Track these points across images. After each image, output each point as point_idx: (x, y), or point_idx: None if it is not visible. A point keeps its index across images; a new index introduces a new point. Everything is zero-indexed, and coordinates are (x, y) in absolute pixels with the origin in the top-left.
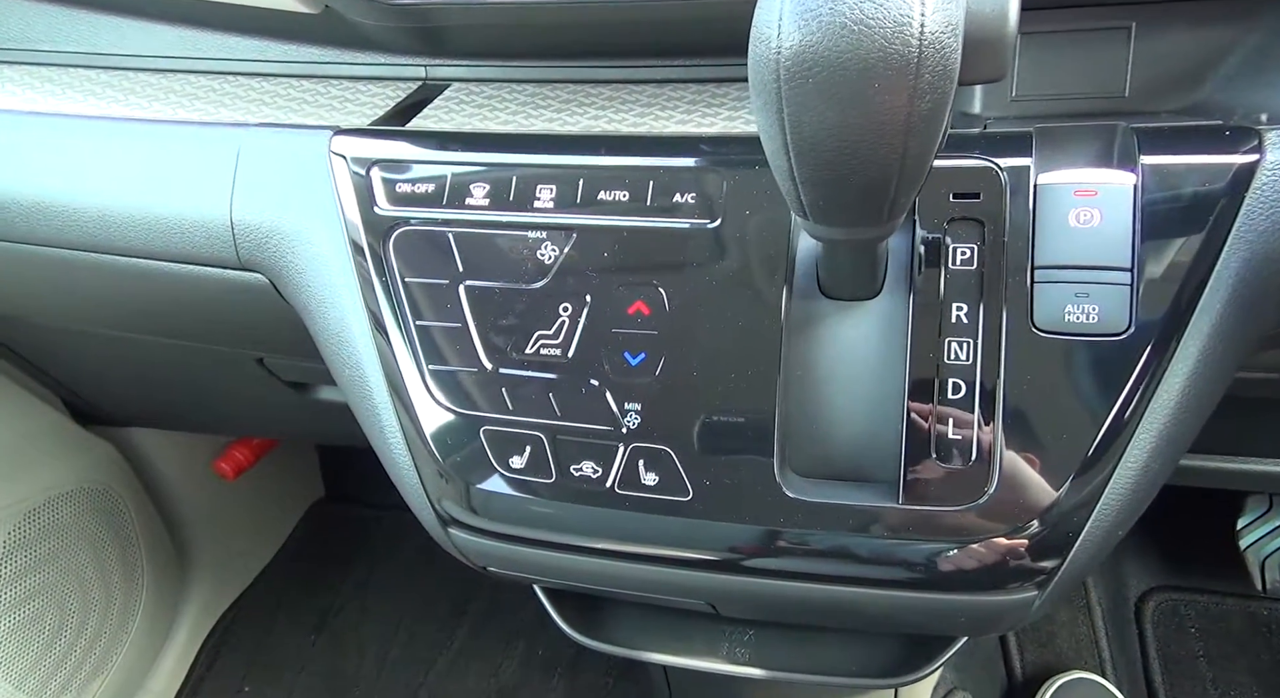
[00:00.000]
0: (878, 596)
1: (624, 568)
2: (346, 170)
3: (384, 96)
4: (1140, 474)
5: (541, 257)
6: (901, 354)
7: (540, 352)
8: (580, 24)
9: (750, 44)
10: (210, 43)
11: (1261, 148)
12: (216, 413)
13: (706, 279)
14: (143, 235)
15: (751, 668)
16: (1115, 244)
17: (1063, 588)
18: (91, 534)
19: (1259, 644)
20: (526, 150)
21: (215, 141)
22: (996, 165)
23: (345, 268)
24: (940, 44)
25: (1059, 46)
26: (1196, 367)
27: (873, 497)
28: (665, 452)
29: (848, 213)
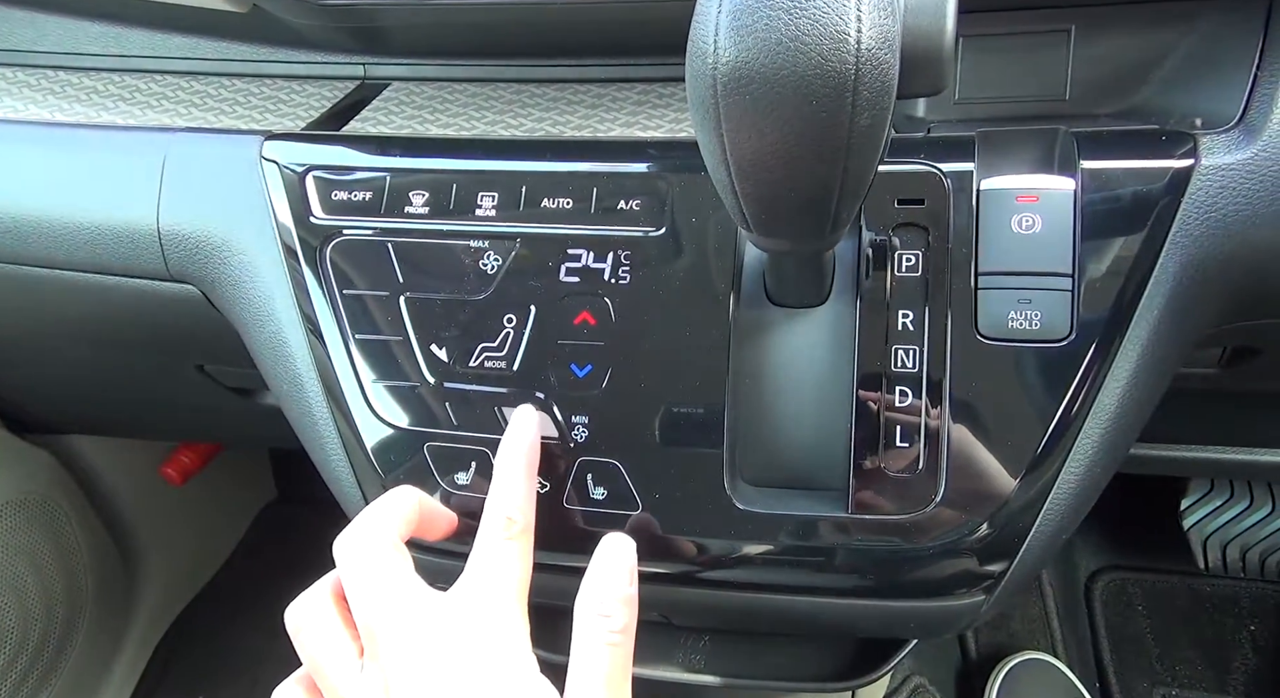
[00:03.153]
0: (829, 604)
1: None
2: (279, 177)
3: (320, 97)
4: (1084, 476)
5: (484, 266)
6: (849, 361)
7: (484, 364)
8: (521, 23)
9: (687, 58)
10: (136, 40)
11: (1196, 152)
12: (159, 419)
13: (653, 288)
14: (64, 246)
15: (706, 675)
16: (1056, 250)
17: (1010, 590)
18: (31, 547)
19: (1202, 620)
20: (468, 156)
21: (140, 147)
22: (940, 171)
23: (280, 279)
24: (877, 60)
25: (1001, 49)
26: (1137, 369)
27: (822, 506)
28: (614, 465)
29: (790, 226)
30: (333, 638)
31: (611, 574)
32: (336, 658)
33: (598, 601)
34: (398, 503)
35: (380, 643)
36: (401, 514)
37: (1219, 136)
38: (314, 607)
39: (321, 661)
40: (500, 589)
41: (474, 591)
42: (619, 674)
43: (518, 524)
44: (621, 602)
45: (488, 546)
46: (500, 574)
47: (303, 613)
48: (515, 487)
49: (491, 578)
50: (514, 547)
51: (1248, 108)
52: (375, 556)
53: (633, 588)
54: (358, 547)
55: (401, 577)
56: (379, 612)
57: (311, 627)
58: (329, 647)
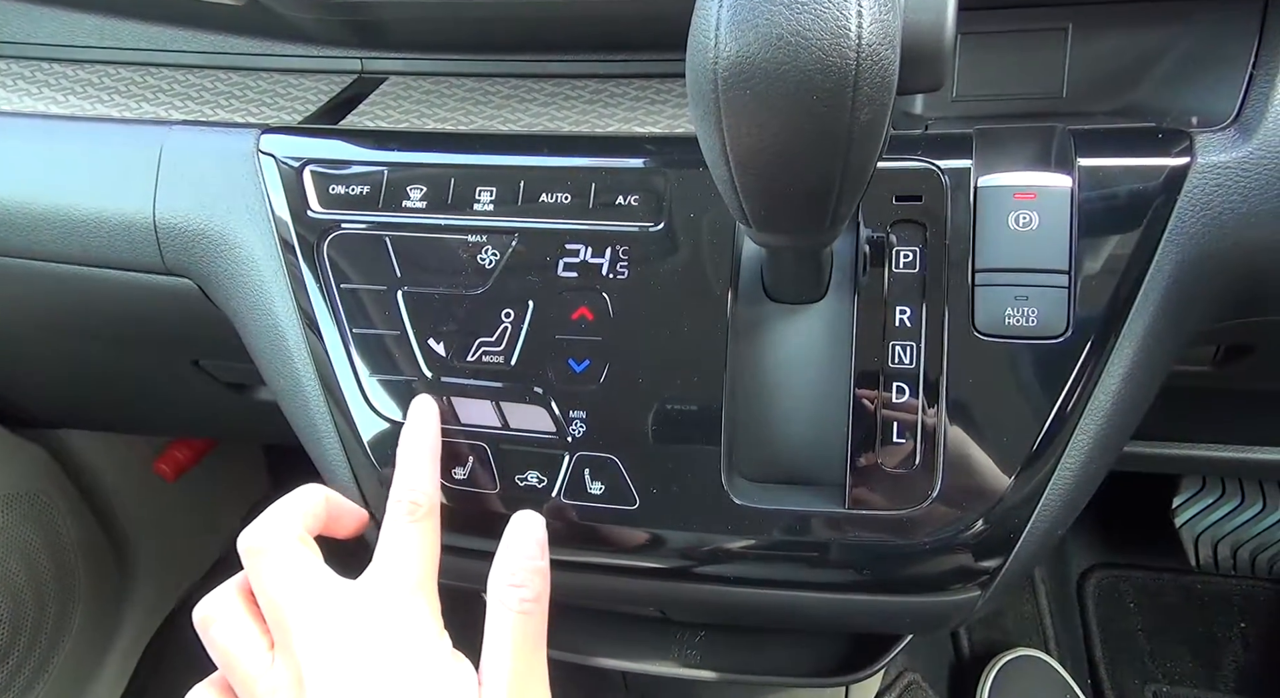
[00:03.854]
0: (824, 599)
1: (571, 578)
2: (276, 171)
3: (317, 91)
4: (1079, 472)
5: (482, 261)
6: (847, 357)
7: (482, 359)
8: (519, 17)
9: (688, 53)
10: (131, 33)
11: (1192, 150)
12: (153, 414)
13: (651, 283)
14: (58, 239)
15: (702, 670)
16: (1053, 247)
17: (1005, 586)
18: (22, 543)
19: (1193, 617)
20: (466, 150)
21: (136, 140)
22: (938, 168)
23: (277, 273)
24: (878, 55)
25: (999, 47)
26: (1133, 366)
27: (819, 501)
28: (611, 460)
29: (790, 221)
30: (242, 632)
31: (522, 547)
32: (247, 652)
33: (509, 571)
34: (303, 499)
35: (290, 633)
36: (307, 509)
37: (1215, 135)
38: (221, 603)
39: (232, 656)
40: (409, 572)
41: (382, 575)
42: (531, 642)
43: (422, 508)
44: (533, 572)
45: (394, 530)
46: (408, 557)
47: (210, 609)
48: (419, 471)
49: (400, 562)
50: (420, 529)
51: (1243, 106)
52: (280, 548)
53: (544, 561)
54: (262, 540)
55: (308, 567)
56: (286, 602)
57: (220, 622)
58: (238, 641)
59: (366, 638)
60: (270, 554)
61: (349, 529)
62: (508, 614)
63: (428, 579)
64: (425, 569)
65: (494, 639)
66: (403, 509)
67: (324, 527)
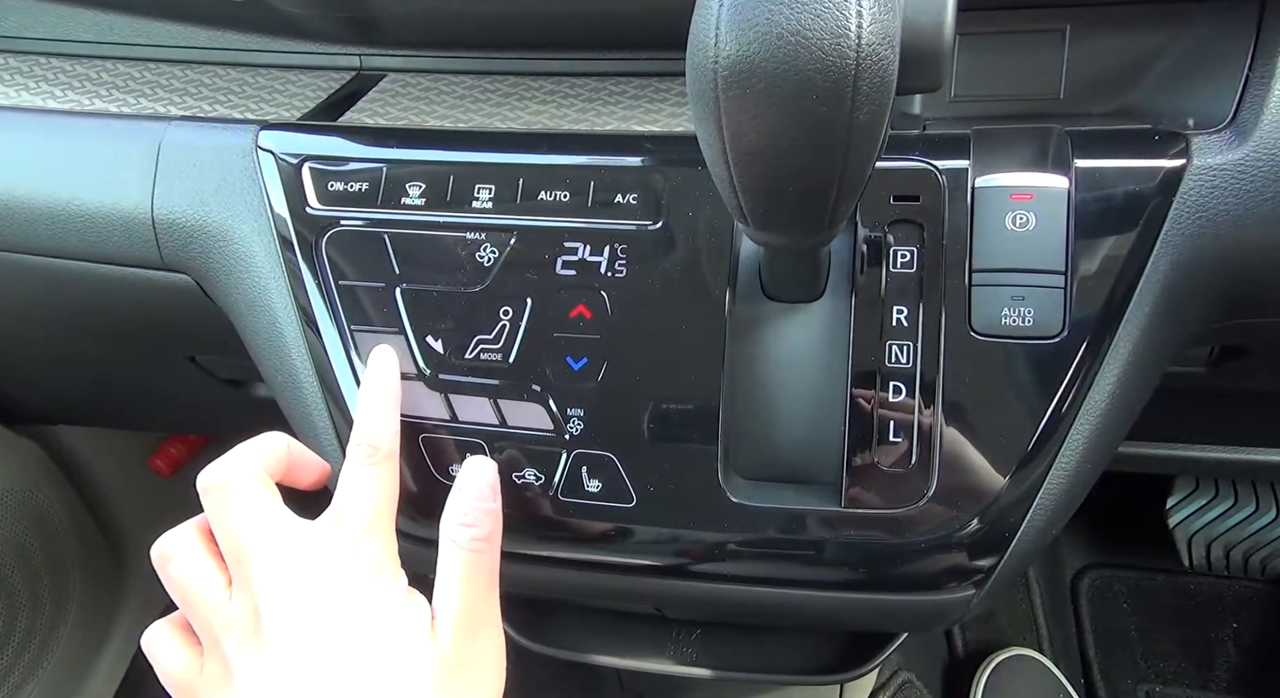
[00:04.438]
0: (820, 597)
1: (567, 575)
2: (275, 167)
3: (316, 87)
4: (1074, 472)
5: (480, 259)
6: (844, 356)
7: (480, 357)
8: (518, 15)
9: (688, 52)
10: (130, 28)
11: (1188, 152)
12: (149, 410)
13: (649, 282)
14: (56, 234)
15: (698, 668)
16: (1050, 248)
17: (1000, 585)
18: (17, 539)
19: (1186, 617)
20: (465, 148)
21: (135, 135)
22: (935, 168)
23: (275, 270)
24: (878, 55)
25: (997, 48)
26: (1128, 366)
27: (815, 500)
28: (608, 458)
29: (788, 220)
30: (200, 568)
31: (473, 490)
32: (205, 587)
33: (460, 512)
34: (264, 441)
35: (248, 569)
36: (267, 451)
37: (1211, 137)
38: (180, 539)
39: (189, 591)
40: (366, 512)
41: (340, 514)
42: (484, 579)
43: (381, 451)
44: (484, 513)
45: (353, 472)
46: (366, 498)
47: (168, 545)
48: (379, 416)
49: (358, 502)
50: (378, 471)
51: (1239, 109)
52: (239, 485)
53: (495, 504)
54: (221, 477)
55: (266, 504)
56: (245, 539)
57: (178, 558)
58: (196, 577)
59: (323, 574)
60: (228, 490)
61: (310, 479)
62: (459, 552)
63: (385, 519)
64: (382, 509)
65: (445, 576)
66: (362, 452)
67: (285, 472)
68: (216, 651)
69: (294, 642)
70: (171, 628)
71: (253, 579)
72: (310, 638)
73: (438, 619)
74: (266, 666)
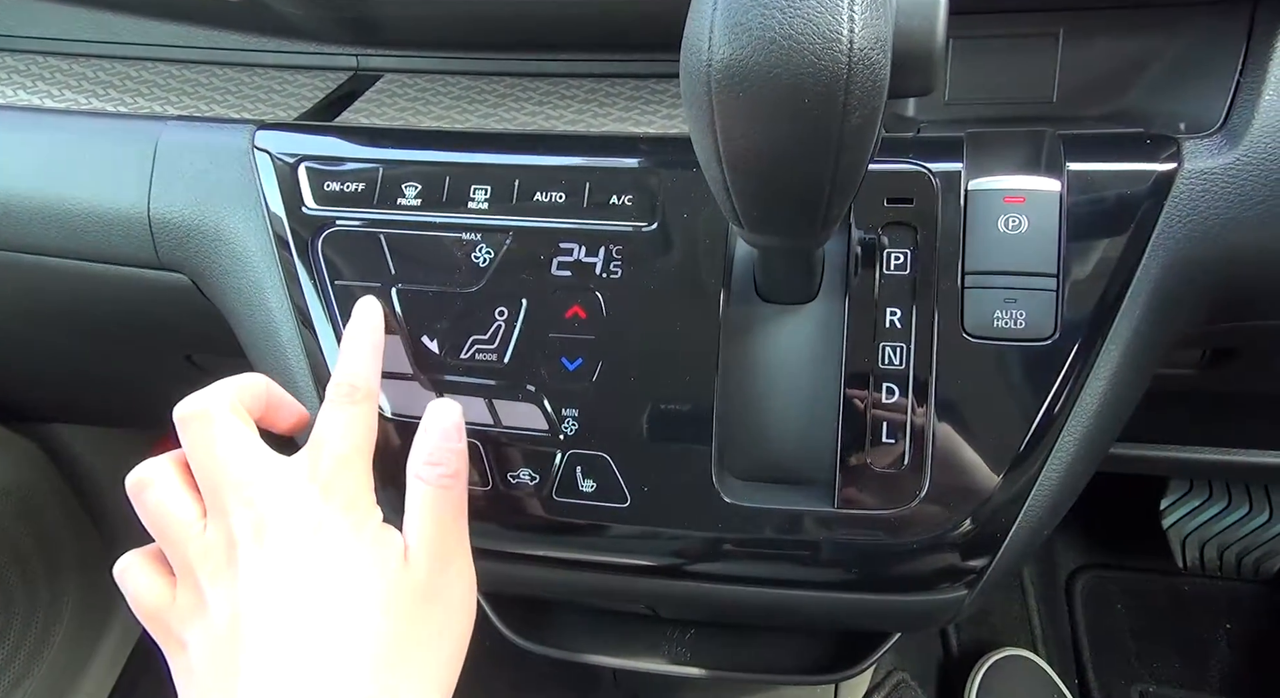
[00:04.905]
0: (813, 597)
1: (562, 575)
2: (271, 167)
3: (313, 87)
4: (1066, 473)
5: (476, 259)
6: (837, 358)
7: (475, 357)
8: (515, 16)
9: (682, 54)
10: (127, 27)
11: (1179, 156)
12: (145, 409)
13: (644, 283)
14: (54, 232)
15: (692, 668)
16: (1042, 251)
17: (992, 585)
18: (13, 537)
19: (1180, 618)
20: (461, 148)
21: (131, 134)
22: (929, 170)
23: (271, 270)
24: (870, 60)
25: (991, 51)
26: (1119, 368)
27: (809, 500)
28: (603, 458)
29: (782, 222)
30: (175, 497)
31: (439, 431)
32: (179, 515)
33: (426, 451)
34: (244, 379)
35: (224, 499)
36: (245, 386)
37: (1202, 141)
38: (156, 468)
39: (164, 519)
40: (342, 448)
41: (318, 449)
42: (452, 512)
43: (360, 391)
44: (450, 452)
45: (331, 410)
46: (344, 435)
47: (144, 473)
48: (360, 358)
49: (334, 438)
50: (357, 411)
51: (1230, 113)
52: (215, 414)
53: (461, 444)
54: (197, 406)
55: (243, 436)
56: (221, 468)
57: (153, 486)
58: (171, 505)
59: (298, 503)
60: (205, 420)
61: (288, 422)
62: (426, 488)
63: (360, 456)
64: (359, 446)
65: (414, 511)
66: (341, 392)
67: (263, 411)
68: (189, 580)
69: (266, 571)
70: (144, 557)
71: (228, 509)
72: (283, 568)
73: (410, 551)
74: (239, 594)
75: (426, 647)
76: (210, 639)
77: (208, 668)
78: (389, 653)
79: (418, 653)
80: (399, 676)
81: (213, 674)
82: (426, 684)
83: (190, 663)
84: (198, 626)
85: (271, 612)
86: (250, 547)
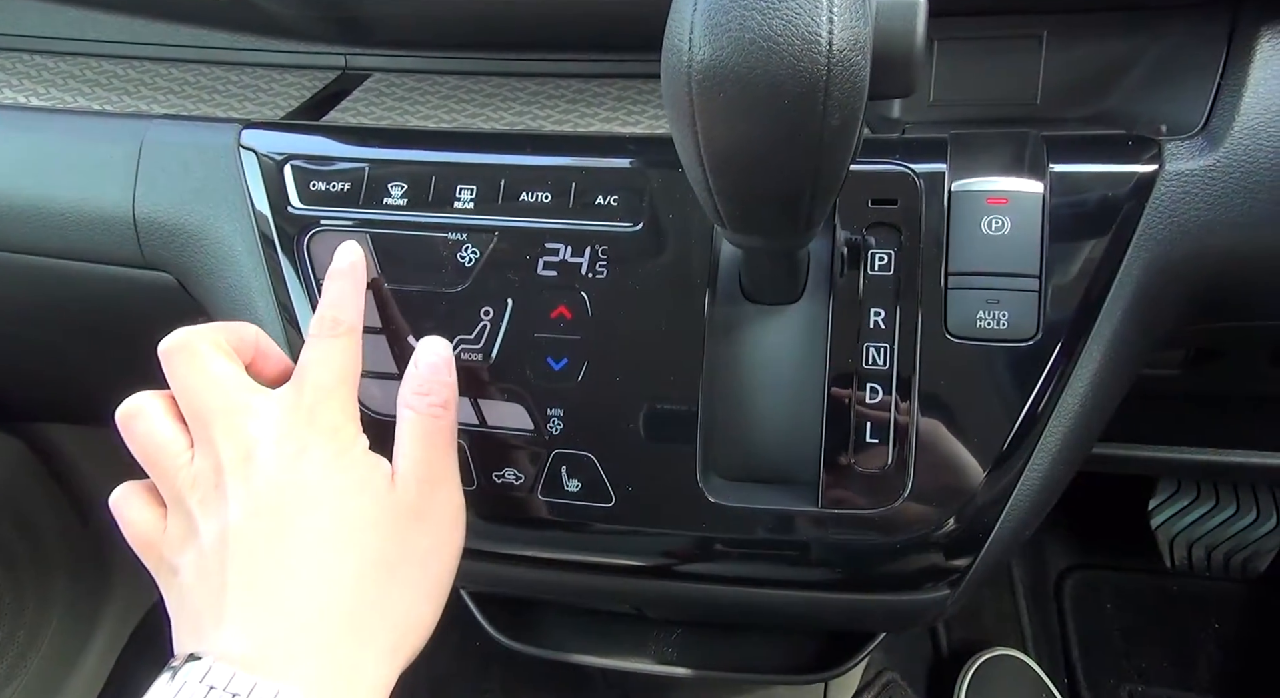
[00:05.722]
0: (797, 597)
1: (547, 575)
2: (257, 166)
3: (300, 86)
4: (1048, 473)
5: (462, 259)
6: (822, 358)
7: (461, 357)
8: (503, 15)
9: (663, 56)
10: (113, 25)
11: (1161, 158)
12: None
13: (629, 283)
14: (38, 231)
15: (679, 667)
16: (1024, 252)
17: (975, 584)
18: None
19: (1168, 618)
20: (448, 148)
21: (117, 133)
22: (913, 172)
23: (257, 269)
24: (849, 61)
25: (975, 53)
26: (1100, 368)
27: (793, 500)
28: (588, 458)
29: (764, 223)
30: (163, 427)
31: (428, 365)
32: (168, 445)
33: (416, 383)
34: (234, 324)
35: (210, 428)
36: (233, 327)
37: (1183, 143)
38: (145, 400)
39: (153, 449)
40: (326, 378)
41: (302, 379)
42: (441, 439)
43: (343, 324)
44: (439, 384)
45: (314, 344)
46: (327, 366)
47: (133, 404)
48: (343, 294)
49: (318, 370)
50: (340, 343)
51: (1211, 116)
52: (200, 346)
53: (451, 378)
54: (183, 339)
55: (229, 368)
56: (207, 399)
57: (142, 416)
58: (160, 435)
59: (285, 430)
60: (191, 352)
61: (274, 371)
62: (416, 416)
63: (345, 386)
64: (343, 377)
65: (404, 439)
66: (325, 325)
67: (251, 354)
68: (180, 508)
69: (255, 497)
70: (138, 488)
71: (214, 438)
72: (271, 492)
73: (397, 474)
74: (228, 520)
75: (414, 565)
76: (199, 559)
77: (197, 586)
78: (375, 566)
79: (405, 570)
80: (384, 588)
81: (202, 591)
82: (416, 598)
83: (182, 585)
84: (189, 550)
85: (258, 529)
86: (237, 473)
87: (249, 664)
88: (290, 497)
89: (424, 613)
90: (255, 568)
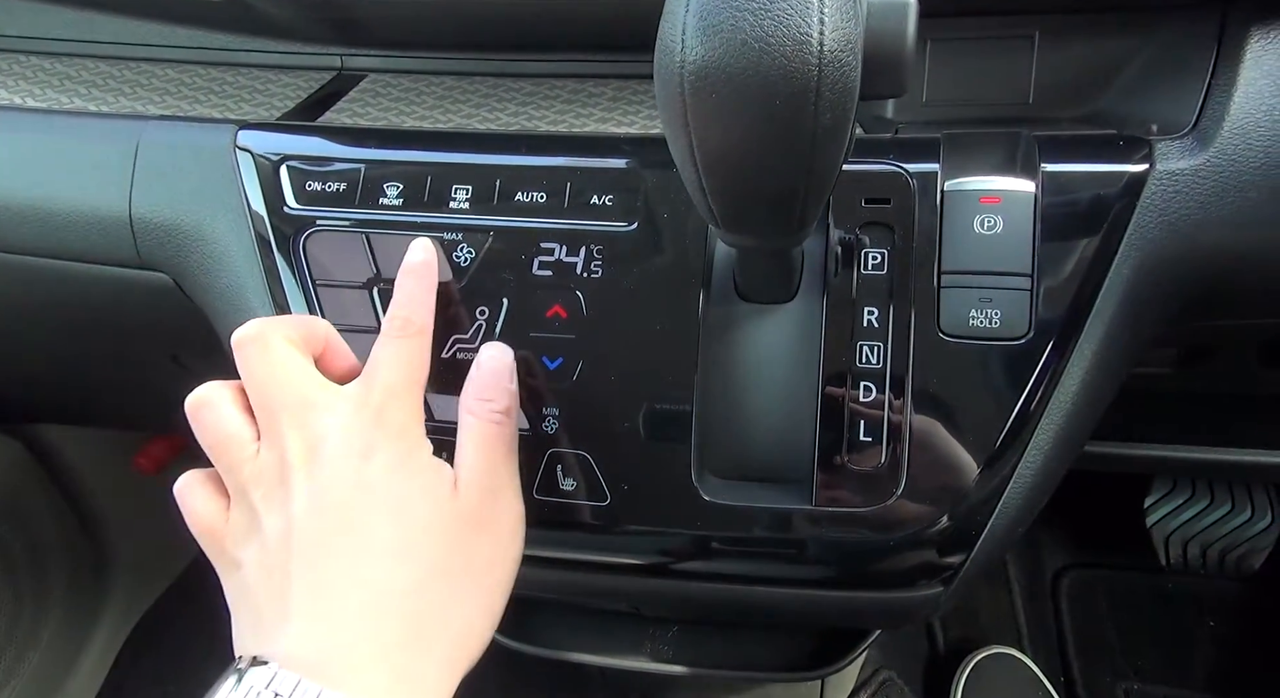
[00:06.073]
0: (793, 594)
1: (543, 573)
2: (253, 167)
3: (296, 87)
4: (1040, 470)
5: (457, 259)
6: (816, 357)
7: (456, 356)
8: (499, 16)
9: (655, 56)
10: (108, 26)
11: (1152, 158)
12: (131, 409)
13: (624, 282)
14: (34, 231)
15: (675, 665)
16: (1016, 251)
17: (968, 582)
18: None
19: (1164, 616)
20: (443, 148)
21: (113, 134)
22: (906, 171)
23: (253, 269)
24: (840, 62)
25: (968, 53)
26: (1092, 367)
27: (787, 498)
28: (583, 457)
29: (757, 223)
30: (231, 418)
31: (490, 370)
32: (235, 436)
33: (479, 388)
34: (306, 318)
35: (278, 422)
36: (304, 322)
37: (1174, 143)
38: (215, 389)
39: (220, 439)
40: (397, 379)
41: (371, 379)
42: (503, 446)
43: (414, 325)
44: (502, 390)
45: (385, 344)
46: (397, 367)
47: (203, 394)
48: (414, 295)
49: (389, 369)
50: (410, 344)
51: (1201, 115)
52: (272, 338)
53: (512, 384)
54: (254, 330)
55: (299, 362)
56: (276, 392)
57: (210, 406)
58: (228, 425)
59: (352, 428)
60: (263, 344)
61: (341, 368)
62: (478, 423)
63: (413, 389)
64: (411, 379)
65: (466, 445)
66: (396, 325)
67: (321, 349)
68: (244, 501)
69: (319, 493)
70: (202, 477)
71: (281, 431)
72: (334, 491)
73: (460, 481)
74: (292, 515)
75: (474, 574)
76: (263, 554)
77: (261, 581)
78: (436, 575)
79: (466, 579)
80: (445, 597)
81: (266, 586)
82: (476, 608)
83: (244, 579)
84: (252, 544)
85: (322, 527)
86: (302, 469)
87: (312, 671)
88: (354, 497)
89: (483, 624)
90: (319, 569)
